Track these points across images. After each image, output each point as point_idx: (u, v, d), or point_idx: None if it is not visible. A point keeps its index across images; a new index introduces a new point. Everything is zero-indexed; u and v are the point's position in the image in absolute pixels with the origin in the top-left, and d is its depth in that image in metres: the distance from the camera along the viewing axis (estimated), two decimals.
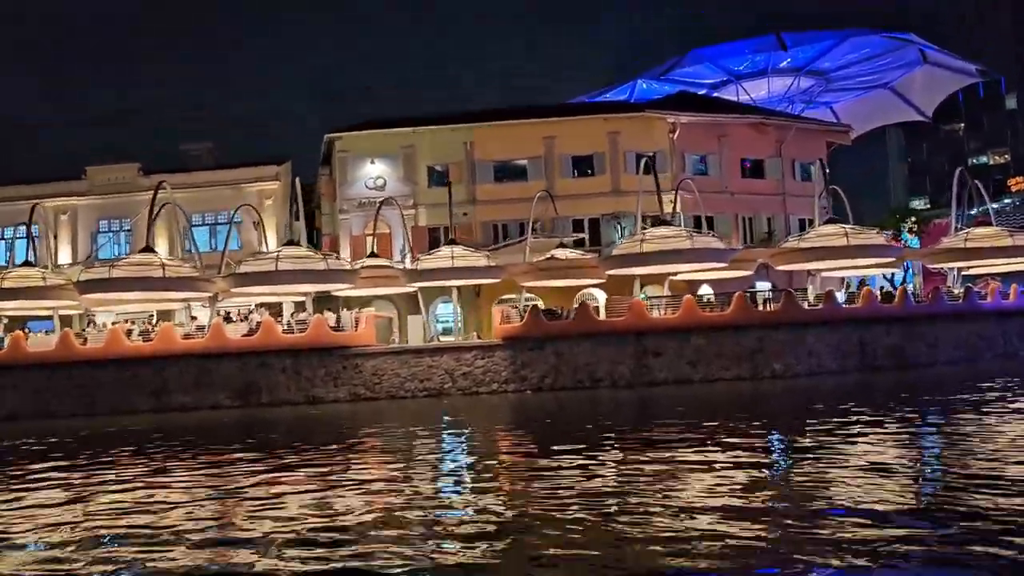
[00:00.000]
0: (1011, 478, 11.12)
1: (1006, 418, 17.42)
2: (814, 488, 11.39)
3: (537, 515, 10.48)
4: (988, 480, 11.03)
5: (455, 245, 32.27)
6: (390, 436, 20.34)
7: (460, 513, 10.90)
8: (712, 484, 11.97)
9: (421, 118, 43.40)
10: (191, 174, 43.10)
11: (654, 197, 35.44)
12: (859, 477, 11.96)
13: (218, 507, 12.19)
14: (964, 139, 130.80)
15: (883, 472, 12.21)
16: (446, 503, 11.82)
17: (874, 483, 11.49)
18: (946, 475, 11.97)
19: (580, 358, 31.72)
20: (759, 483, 12.17)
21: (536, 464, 14.72)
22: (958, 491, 10.58)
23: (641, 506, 10.65)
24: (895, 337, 34.02)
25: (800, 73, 55.83)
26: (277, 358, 31.76)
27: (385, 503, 11.84)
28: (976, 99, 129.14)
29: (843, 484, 11.55)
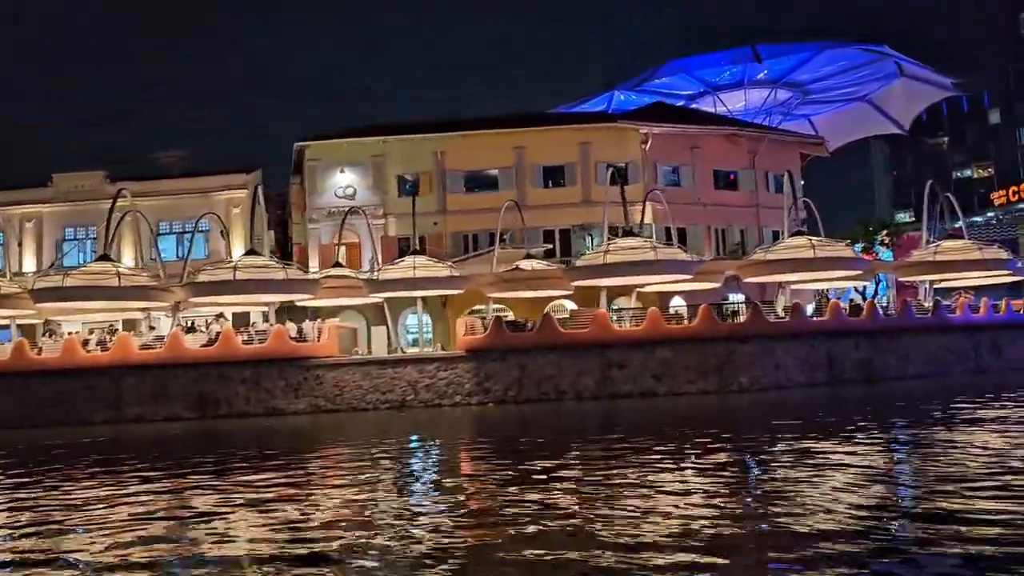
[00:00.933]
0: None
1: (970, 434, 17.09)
2: (780, 503, 11.06)
3: (499, 533, 10.14)
4: (955, 497, 10.77)
5: (419, 255, 31.80)
6: (342, 453, 19.80)
7: (419, 532, 10.46)
8: (675, 500, 11.66)
9: (391, 127, 43.08)
10: (159, 182, 42.65)
11: (620, 208, 35.21)
12: (822, 492, 11.66)
13: (165, 526, 11.61)
14: (948, 153, 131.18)
15: (845, 487, 11.95)
16: (404, 521, 11.29)
17: (838, 498, 11.19)
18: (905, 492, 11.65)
19: (544, 370, 31.30)
20: (722, 498, 11.83)
21: (497, 480, 14.31)
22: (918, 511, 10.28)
23: (603, 522, 10.35)
24: (864, 351, 33.75)
25: (777, 85, 55.80)
26: (236, 369, 31.22)
27: (343, 521, 11.33)
28: (960, 113, 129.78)
29: (808, 499, 11.23)
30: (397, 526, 10.76)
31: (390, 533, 10.29)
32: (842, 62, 55.40)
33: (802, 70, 55.00)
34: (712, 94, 56.41)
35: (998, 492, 10.90)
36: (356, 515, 11.59)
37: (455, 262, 39.51)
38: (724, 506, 11.10)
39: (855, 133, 65.72)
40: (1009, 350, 37.89)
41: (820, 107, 62.34)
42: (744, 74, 54.88)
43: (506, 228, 39.23)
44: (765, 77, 55.70)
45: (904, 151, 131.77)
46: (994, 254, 34.65)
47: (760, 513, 10.59)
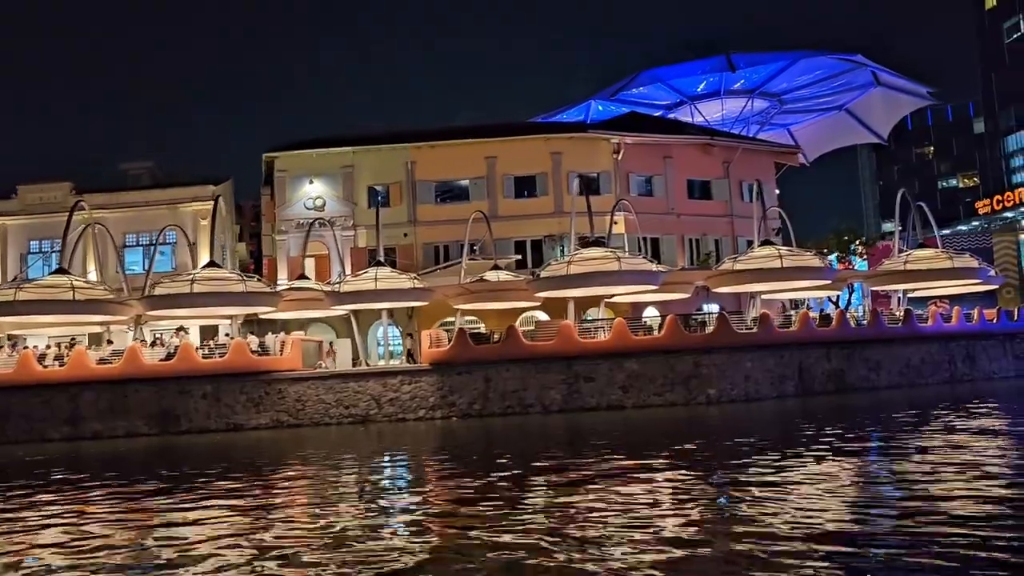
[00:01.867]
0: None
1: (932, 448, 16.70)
2: (748, 520, 10.77)
3: (462, 550, 9.87)
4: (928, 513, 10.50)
5: (382, 267, 31.34)
6: (300, 470, 19.26)
7: (380, 553, 10.06)
8: (642, 515, 11.40)
9: (361, 137, 42.67)
10: (125, 193, 42.14)
11: (596, 218, 34.88)
12: (791, 508, 11.37)
13: (120, 547, 11.14)
14: (934, 162, 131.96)
15: (813, 503, 11.65)
16: (364, 541, 10.87)
17: (806, 514, 10.91)
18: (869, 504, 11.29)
19: (509, 383, 30.82)
20: (690, 515, 11.50)
21: (459, 497, 13.92)
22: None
23: (569, 540, 10.06)
24: (835, 361, 33.44)
25: (753, 95, 55.68)
26: (197, 384, 30.63)
27: (301, 540, 10.93)
28: (945, 123, 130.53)
29: (775, 516, 10.91)
30: (354, 547, 10.39)
31: (347, 554, 9.97)
32: (818, 71, 55.35)
33: (778, 80, 54.91)
34: (689, 104, 56.25)
35: (971, 506, 10.63)
36: (315, 535, 11.21)
37: (425, 273, 39.15)
38: (692, 524, 10.79)
39: (834, 143, 65.71)
40: (983, 360, 37.69)
41: (798, 117, 62.32)
42: (721, 84, 54.74)
43: (477, 239, 38.89)
44: (742, 87, 55.59)
45: (890, 161, 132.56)
46: (965, 263, 34.39)
47: (729, 531, 10.27)
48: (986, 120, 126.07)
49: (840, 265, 49.42)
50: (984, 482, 12.42)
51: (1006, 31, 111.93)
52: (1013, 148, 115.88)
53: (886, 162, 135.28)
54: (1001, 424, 20.60)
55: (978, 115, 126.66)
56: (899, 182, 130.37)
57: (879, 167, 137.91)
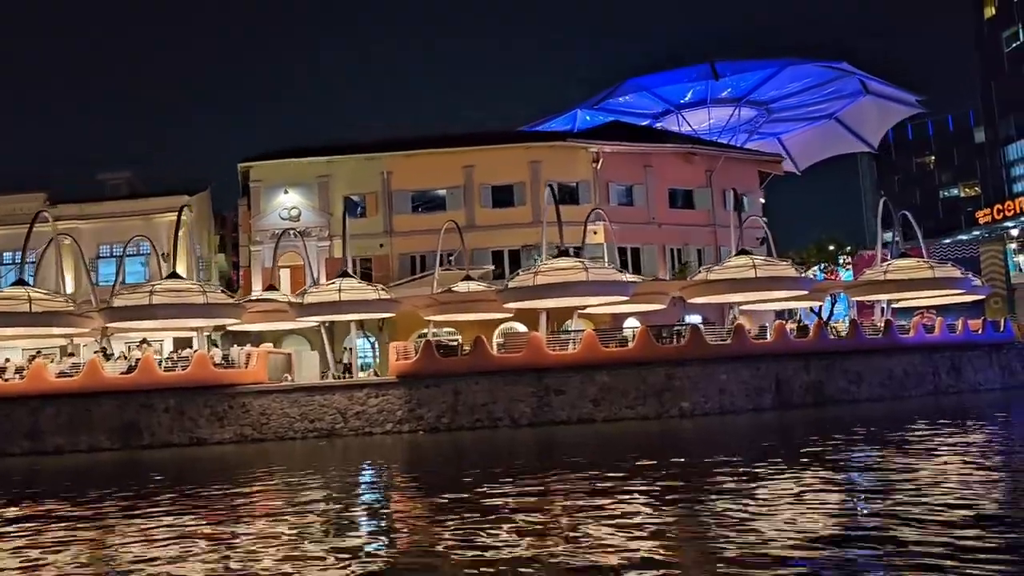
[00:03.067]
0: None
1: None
2: (720, 536, 10.31)
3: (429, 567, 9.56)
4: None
5: (348, 277, 30.75)
6: (255, 487, 18.57)
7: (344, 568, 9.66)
8: (612, 532, 10.91)
9: (337, 147, 42.19)
10: (99, 204, 41.71)
11: (574, 228, 34.37)
12: (763, 525, 10.85)
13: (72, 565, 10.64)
14: (935, 172, 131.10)
15: (788, 518, 11.18)
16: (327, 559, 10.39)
17: (780, 530, 10.47)
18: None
19: (478, 396, 30.15)
20: (660, 527, 11.11)
21: (425, 513, 13.43)
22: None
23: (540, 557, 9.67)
24: (814, 373, 32.69)
25: (740, 103, 55.12)
26: (160, 397, 30.03)
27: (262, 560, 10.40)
28: (946, 132, 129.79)
29: (746, 534, 10.41)
30: (318, 564, 9.96)
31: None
32: (806, 79, 54.80)
33: (765, 88, 54.37)
34: (676, 113, 55.70)
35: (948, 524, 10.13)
36: (276, 554, 10.73)
37: (398, 284, 38.61)
38: (663, 539, 10.40)
39: (825, 151, 65.11)
40: (968, 371, 36.92)
41: (788, 126, 61.79)
42: (707, 92, 54.21)
43: (453, 249, 38.36)
44: (729, 95, 55.03)
45: (891, 170, 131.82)
46: (946, 273, 33.69)
47: (703, 548, 9.83)
48: (986, 129, 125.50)
49: (827, 275, 48.74)
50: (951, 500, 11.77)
51: (1005, 40, 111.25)
52: (1013, 157, 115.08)
53: (887, 172, 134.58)
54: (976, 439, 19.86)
55: (978, 124, 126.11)
56: (900, 192, 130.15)
57: (880, 177, 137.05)
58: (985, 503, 11.63)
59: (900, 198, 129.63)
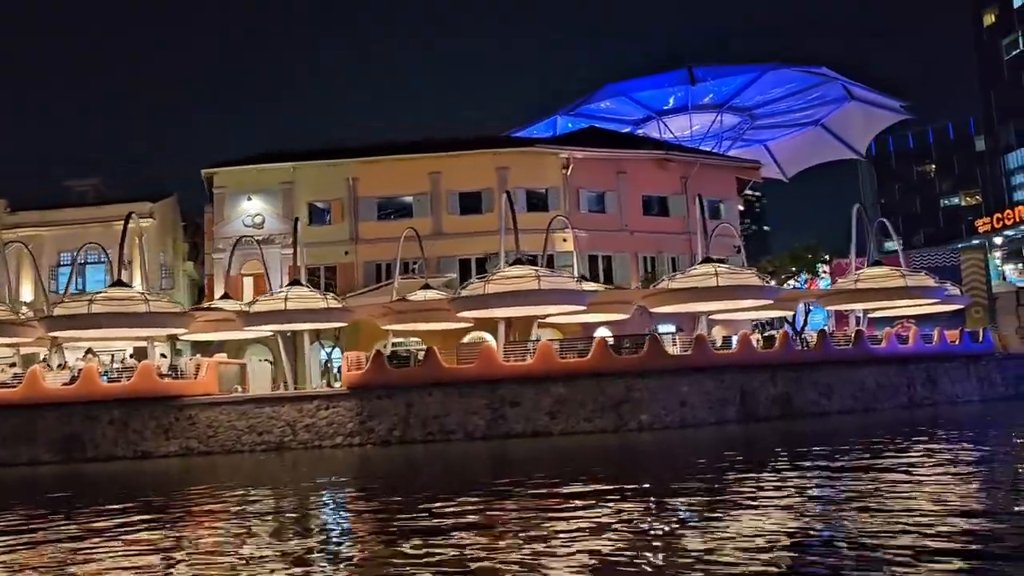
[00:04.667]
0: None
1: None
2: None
3: None
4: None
5: (298, 286, 29.91)
6: (193, 502, 17.64)
7: None
8: (565, 548, 10.40)
9: (302, 152, 41.42)
10: (60, 211, 41.00)
11: (541, 236, 33.56)
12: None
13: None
14: (935, 180, 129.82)
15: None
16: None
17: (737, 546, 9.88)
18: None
19: (431, 408, 29.26)
20: (617, 544, 10.47)
21: (372, 531, 12.71)
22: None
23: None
24: (782, 385, 31.72)
25: (722, 110, 54.21)
26: (104, 409, 29.20)
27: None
28: (947, 140, 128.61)
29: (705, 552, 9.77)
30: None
31: None
32: (789, 85, 53.87)
33: (747, 94, 53.45)
34: (657, 119, 54.81)
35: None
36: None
37: (361, 293, 37.83)
38: (618, 557, 9.80)
39: (812, 158, 64.12)
40: (944, 383, 35.89)
41: (774, 132, 60.83)
42: (688, 98, 53.29)
43: (417, 257, 37.54)
44: (711, 101, 54.13)
45: (891, 178, 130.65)
46: (919, 281, 32.68)
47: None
48: (986, 137, 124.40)
49: (809, 283, 47.74)
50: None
51: (1005, 47, 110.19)
52: (1013, 166, 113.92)
53: (887, 180, 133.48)
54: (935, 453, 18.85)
55: (979, 132, 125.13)
56: (901, 200, 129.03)
57: (880, 185, 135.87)
58: (935, 520, 10.71)
59: (901, 206, 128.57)
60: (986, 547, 9.44)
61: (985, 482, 14.95)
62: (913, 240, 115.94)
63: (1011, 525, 10.53)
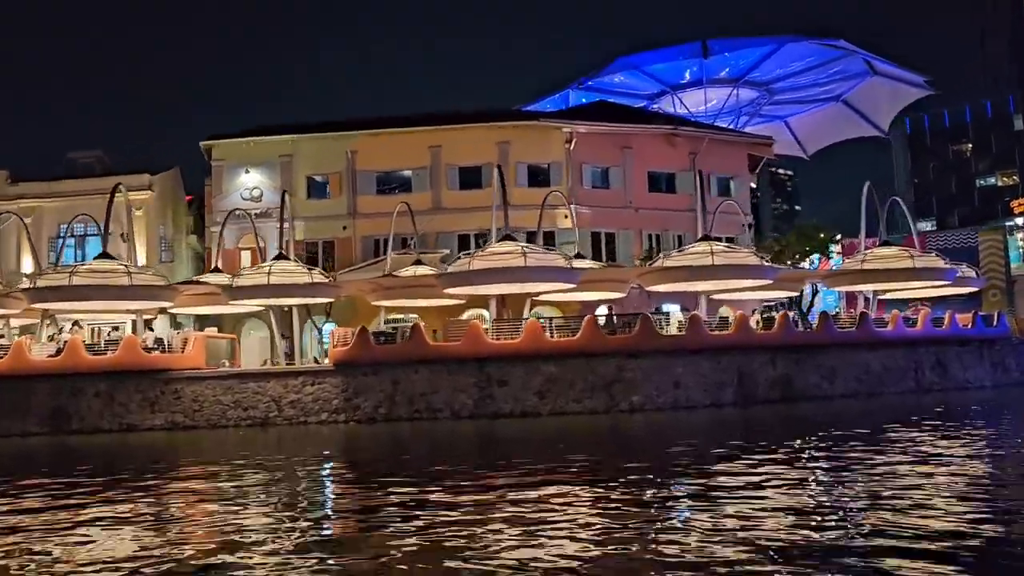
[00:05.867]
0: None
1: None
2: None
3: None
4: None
5: (283, 260, 29.40)
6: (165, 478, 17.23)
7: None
8: (547, 536, 9.75)
9: (301, 125, 40.82)
10: (61, 183, 40.86)
11: (548, 211, 32.82)
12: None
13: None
14: (971, 159, 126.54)
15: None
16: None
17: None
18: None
19: (417, 386, 28.71)
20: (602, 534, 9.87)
21: (353, 511, 12.28)
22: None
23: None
24: (782, 367, 30.74)
25: (738, 84, 52.68)
26: (90, 382, 29.01)
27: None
28: (984, 119, 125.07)
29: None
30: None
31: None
32: (809, 58, 52.19)
33: (765, 68, 51.89)
34: (671, 94, 53.45)
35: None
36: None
37: (357, 268, 37.34)
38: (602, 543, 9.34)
39: (833, 136, 62.30)
40: (955, 368, 34.64)
41: (794, 108, 59.15)
42: (703, 73, 51.86)
43: (417, 231, 36.93)
44: (727, 75, 52.65)
45: (925, 157, 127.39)
46: (928, 262, 31.44)
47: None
48: None
49: (823, 263, 46.51)
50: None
51: None
52: None
53: (922, 159, 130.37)
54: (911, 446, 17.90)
55: (1018, 111, 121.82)
56: (936, 180, 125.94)
57: (914, 164, 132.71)
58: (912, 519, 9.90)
59: (935, 186, 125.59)
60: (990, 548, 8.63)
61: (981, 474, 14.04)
62: (948, 221, 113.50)
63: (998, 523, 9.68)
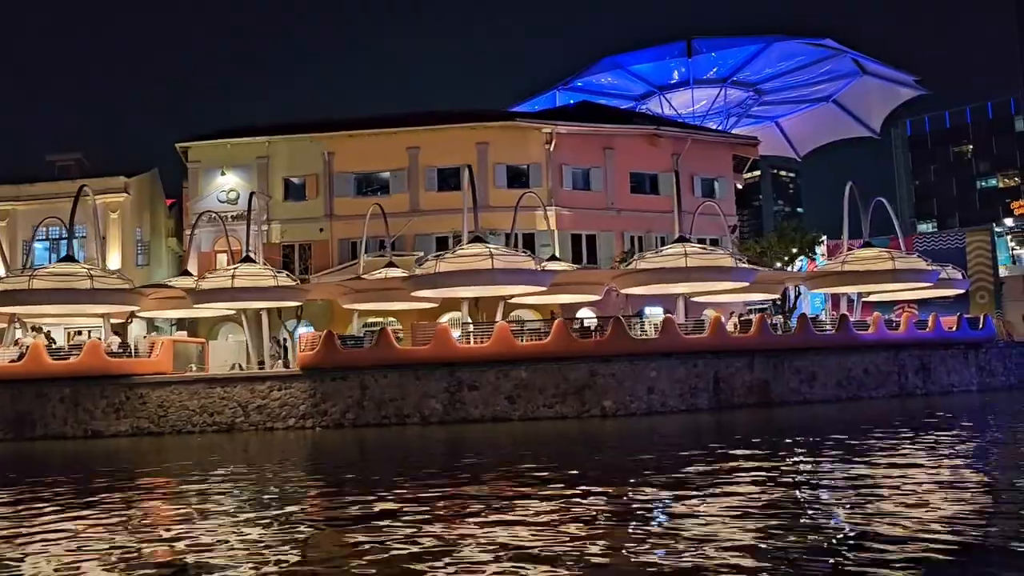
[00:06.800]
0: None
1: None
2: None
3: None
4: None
5: (249, 263, 28.89)
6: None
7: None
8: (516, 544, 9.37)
9: (277, 126, 40.33)
10: (34, 185, 40.42)
11: (528, 213, 32.27)
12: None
13: None
14: (972, 161, 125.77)
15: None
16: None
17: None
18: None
19: (386, 391, 28.18)
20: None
21: (319, 519, 11.80)
22: None
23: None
24: (759, 371, 30.18)
25: (726, 84, 52.06)
26: (55, 387, 28.54)
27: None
28: (985, 120, 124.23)
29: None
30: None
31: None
32: (798, 58, 51.56)
33: (753, 68, 51.29)
34: (659, 94, 52.87)
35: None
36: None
37: (334, 271, 36.87)
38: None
39: (825, 136, 61.63)
40: (940, 371, 34.03)
41: (785, 109, 58.54)
42: (690, 73, 51.27)
43: (394, 235, 36.46)
44: (715, 75, 52.06)
45: (927, 159, 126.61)
46: (909, 264, 30.82)
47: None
48: None
49: (810, 265, 45.86)
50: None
51: None
52: None
53: (923, 161, 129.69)
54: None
55: (1019, 113, 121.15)
56: (936, 182, 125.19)
57: (915, 166, 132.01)
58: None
59: (936, 188, 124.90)
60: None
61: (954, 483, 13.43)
62: (949, 222, 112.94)
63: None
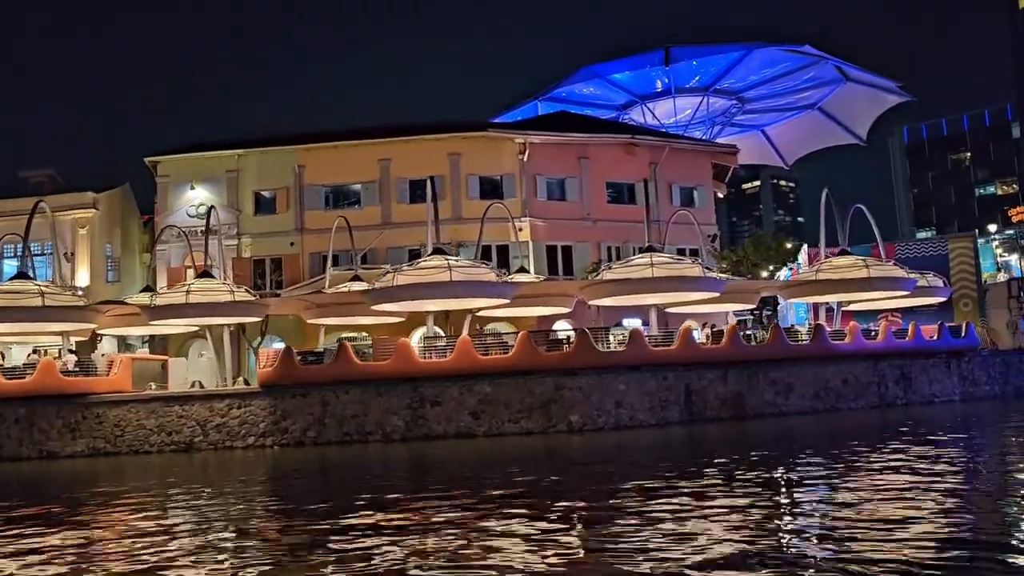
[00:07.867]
0: None
1: None
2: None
3: None
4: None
5: (207, 278, 28.27)
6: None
7: None
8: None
9: (247, 140, 39.80)
10: (3, 201, 39.86)
11: (502, 225, 31.66)
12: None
13: None
14: (970, 168, 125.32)
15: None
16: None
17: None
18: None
19: (347, 408, 27.48)
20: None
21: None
22: None
23: None
24: (733, 383, 29.41)
25: (708, 92, 51.48)
26: (9, 407, 27.87)
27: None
28: (982, 128, 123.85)
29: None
30: None
31: None
32: (782, 65, 51.01)
33: (735, 75, 50.71)
34: (640, 104, 52.31)
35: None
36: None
37: (303, 285, 36.26)
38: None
39: (812, 144, 61.06)
40: (922, 381, 33.24)
41: (770, 117, 57.99)
42: (672, 82, 50.72)
43: (366, 248, 35.90)
44: (697, 84, 51.51)
45: (925, 167, 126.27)
46: (884, 272, 30.12)
47: None
48: (1022, 125, 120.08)
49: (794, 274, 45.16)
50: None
51: None
52: None
53: (920, 168, 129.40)
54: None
55: (1016, 119, 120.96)
56: (935, 190, 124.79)
57: (913, 174, 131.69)
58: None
59: (934, 195, 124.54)
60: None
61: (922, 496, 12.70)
62: (948, 230, 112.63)
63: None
